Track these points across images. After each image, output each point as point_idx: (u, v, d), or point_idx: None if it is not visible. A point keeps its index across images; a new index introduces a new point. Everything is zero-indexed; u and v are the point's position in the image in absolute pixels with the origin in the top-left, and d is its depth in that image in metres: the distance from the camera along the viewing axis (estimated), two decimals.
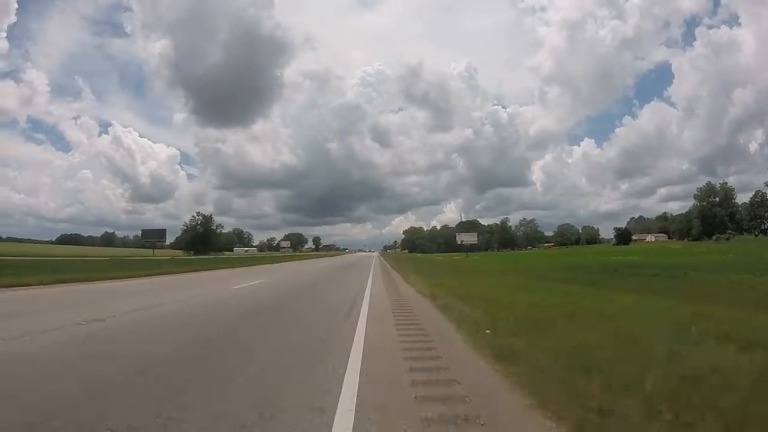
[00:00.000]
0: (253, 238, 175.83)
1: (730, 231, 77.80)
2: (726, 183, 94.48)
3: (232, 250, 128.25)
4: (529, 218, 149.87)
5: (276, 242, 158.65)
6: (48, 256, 36.70)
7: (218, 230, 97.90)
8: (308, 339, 5.17)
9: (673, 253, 41.18)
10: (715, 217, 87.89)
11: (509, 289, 9.93)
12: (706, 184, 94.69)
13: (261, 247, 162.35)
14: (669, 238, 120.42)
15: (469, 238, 75.31)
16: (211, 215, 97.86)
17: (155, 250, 69.25)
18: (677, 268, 19.34)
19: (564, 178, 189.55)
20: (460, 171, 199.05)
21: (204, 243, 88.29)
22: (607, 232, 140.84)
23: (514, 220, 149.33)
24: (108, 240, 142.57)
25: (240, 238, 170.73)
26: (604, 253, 54.89)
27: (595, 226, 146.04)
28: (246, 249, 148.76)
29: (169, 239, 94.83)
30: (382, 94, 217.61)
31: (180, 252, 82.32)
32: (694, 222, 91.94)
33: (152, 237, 78.89)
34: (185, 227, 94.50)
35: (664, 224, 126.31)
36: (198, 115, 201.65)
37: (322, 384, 3.36)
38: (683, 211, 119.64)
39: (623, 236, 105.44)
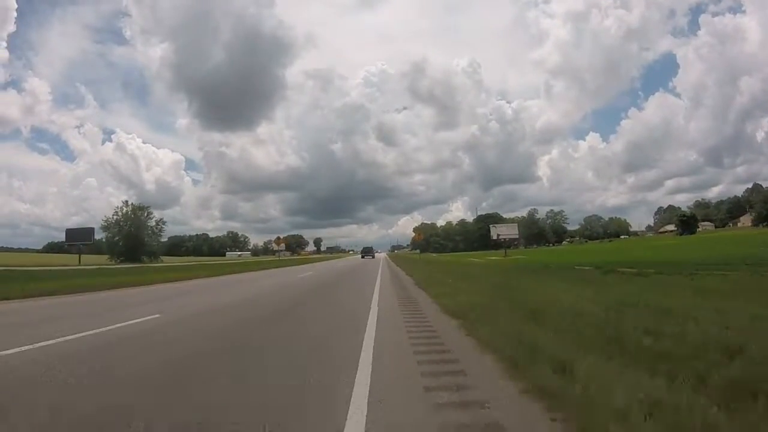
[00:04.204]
0: (250, 241, 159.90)
1: None
2: None
3: (203, 255, 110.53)
4: (556, 210, 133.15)
5: (272, 245, 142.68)
6: None
7: (158, 227, 65.97)
8: None
9: None
10: None
11: None
12: None
13: (256, 251, 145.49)
14: (716, 227, 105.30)
15: (508, 231, 57.44)
16: (145, 206, 65.77)
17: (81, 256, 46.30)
18: None
19: (570, 172, 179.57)
20: (466, 168, 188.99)
21: (134, 246, 59.71)
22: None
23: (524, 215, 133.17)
24: (96, 247, 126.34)
25: (235, 241, 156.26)
26: (732, 242, 36.57)
27: (623, 218, 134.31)
28: (240, 253, 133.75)
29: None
30: (386, 93, 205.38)
31: (106, 258, 57.05)
32: None
33: (76, 238, 52.54)
34: (105, 222, 62.80)
35: (706, 212, 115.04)
36: (201, 119, 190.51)
37: None
38: (720, 199, 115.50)
39: (689, 225, 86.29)
